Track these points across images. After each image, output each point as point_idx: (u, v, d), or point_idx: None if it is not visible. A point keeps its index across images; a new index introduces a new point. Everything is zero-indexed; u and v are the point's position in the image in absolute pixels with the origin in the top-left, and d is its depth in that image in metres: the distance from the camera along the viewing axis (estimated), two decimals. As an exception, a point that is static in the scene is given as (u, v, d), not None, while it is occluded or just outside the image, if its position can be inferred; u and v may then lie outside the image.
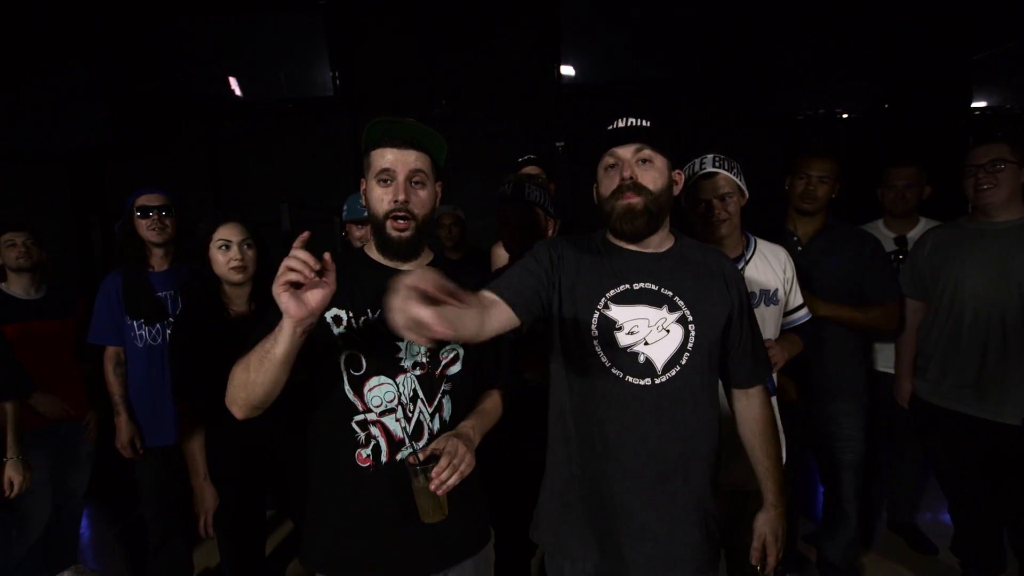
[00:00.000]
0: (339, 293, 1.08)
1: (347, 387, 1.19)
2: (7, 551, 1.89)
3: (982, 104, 3.48)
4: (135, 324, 2.14)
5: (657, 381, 1.13)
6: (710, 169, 1.66)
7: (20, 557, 2.23)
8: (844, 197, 3.35)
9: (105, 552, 2.94)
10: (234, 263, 1.81)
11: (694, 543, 1.17)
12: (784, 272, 1.72)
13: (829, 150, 3.03)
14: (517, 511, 1.44)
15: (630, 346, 1.13)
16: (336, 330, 1.19)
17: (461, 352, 1.27)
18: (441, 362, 1.25)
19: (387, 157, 1.17)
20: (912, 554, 2.55)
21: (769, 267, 1.71)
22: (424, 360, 1.22)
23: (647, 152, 1.14)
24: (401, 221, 1.18)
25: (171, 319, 2.15)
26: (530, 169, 2.29)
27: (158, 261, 2.23)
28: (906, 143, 3.39)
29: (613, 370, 1.14)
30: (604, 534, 1.17)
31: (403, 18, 3.55)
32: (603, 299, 1.15)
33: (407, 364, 1.21)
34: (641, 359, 1.13)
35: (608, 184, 1.18)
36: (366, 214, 2.20)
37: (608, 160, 1.18)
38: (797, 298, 1.78)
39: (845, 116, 3.46)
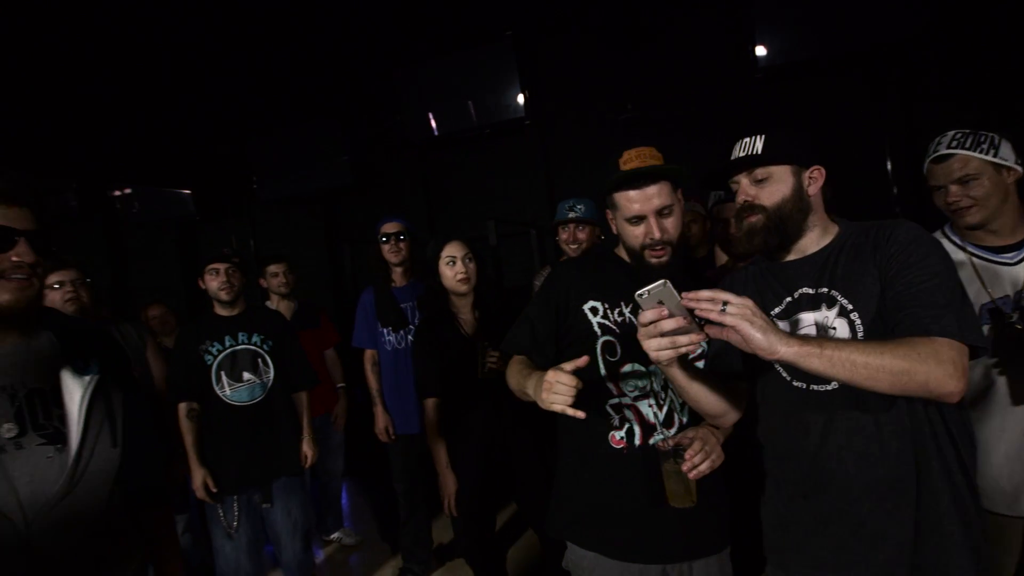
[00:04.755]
0: (595, 287, 1.33)
1: (603, 372, 1.32)
2: (307, 510, 2.41)
3: None
4: (385, 331, 2.57)
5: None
6: (943, 151, 1.46)
7: (308, 519, 2.81)
8: None
9: (363, 520, 3.55)
10: (460, 276, 2.08)
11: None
12: None
13: None
14: None
15: None
16: (593, 319, 1.34)
17: (706, 350, 1.32)
18: (688, 356, 1.29)
19: (633, 200, 1.28)
20: None
21: None
22: None
23: (760, 172, 1.17)
24: (659, 249, 1.29)
25: (411, 327, 2.54)
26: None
27: (399, 277, 2.64)
28: None
29: (795, 383, 1.15)
30: (829, 545, 1.12)
31: (583, 29, 3.65)
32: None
33: None
34: None
35: (734, 205, 1.25)
36: (570, 216, 2.38)
37: (732, 185, 1.25)
38: None
39: None
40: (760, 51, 3.09)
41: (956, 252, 1.51)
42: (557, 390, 1.09)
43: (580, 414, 1.09)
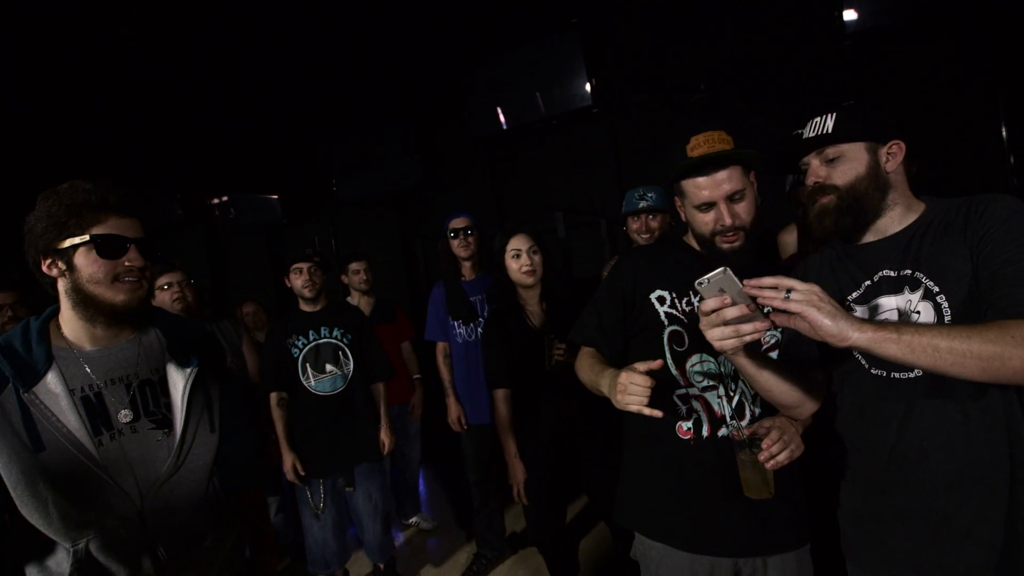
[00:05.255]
0: (662, 275, 1.30)
1: (670, 361, 1.29)
2: (387, 494, 2.53)
3: None
4: (455, 324, 2.63)
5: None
6: None
7: (388, 503, 2.95)
8: None
9: (439, 506, 3.68)
10: (525, 268, 2.09)
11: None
12: None
13: None
14: None
15: None
16: (660, 308, 1.31)
17: (781, 339, 1.26)
18: (763, 346, 1.26)
19: (702, 187, 1.24)
20: None
21: None
22: None
23: (831, 151, 1.11)
24: (730, 234, 1.23)
25: (481, 319, 2.58)
26: None
27: (468, 271, 2.70)
28: None
29: (873, 370, 1.08)
30: (909, 542, 1.05)
31: (651, 7, 3.50)
32: (845, 305, 1.11)
33: None
34: None
35: (805, 188, 1.18)
36: (641, 205, 2.32)
37: (802, 167, 1.18)
38: None
39: None
40: (849, 15, 2.83)
41: None
42: (632, 391, 1.10)
43: (657, 413, 1.09)
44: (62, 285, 1.02)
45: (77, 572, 0.95)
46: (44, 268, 1.01)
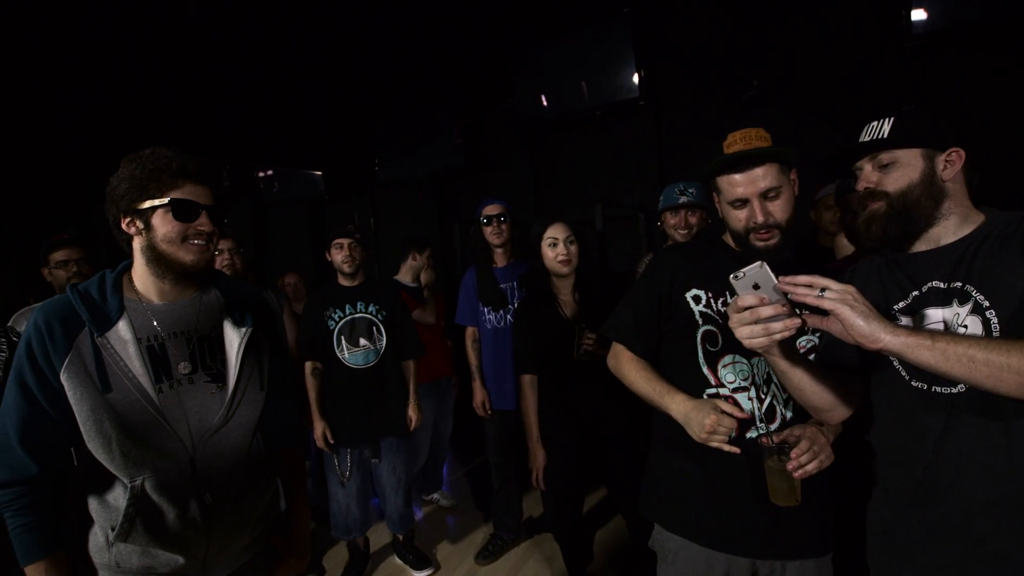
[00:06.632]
0: (699, 274, 1.30)
1: (702, 361, 1.30)
2: (410, 469, 2.60)
3: None
4: (486, 310, 2.67)
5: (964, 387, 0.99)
6: None
7: (410, 477, 3.04)
8: None
9: (460, 486, 3.75)
10: (560, 257, 2.10)
11: None
12: None
13: None
14: None
15: None
16: (695, 308, 1.31)
17: (817, 344, 1.26)
18: (800, 350, 1.25)
19: (736, 184, 1.24)
20: None
21: None
22: None
23: (885, 156, 1.09)
24: (764, 232, 1.23)
25: (511, 306, 2.61)
26: None
27: (500, 258, 2.72)
28: None
29: (914, 383, 1.05)
30: (939, 560, 1.03)
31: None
32: (890, 315, 1.10)
33: None
34: None
35: (856, 194, 1.16)
36: (682, 200, 2.30)
37: (856, 172, 1.16)
38: None
39: None
40: (917, 15, 2.71)
41: None
42: (720, 432, 1.15)
43: (736, 450, 1.16)
44: (137, 243, 1.09)
45: (132, 507, 1.03)
46: (123, 225, 1.09)
